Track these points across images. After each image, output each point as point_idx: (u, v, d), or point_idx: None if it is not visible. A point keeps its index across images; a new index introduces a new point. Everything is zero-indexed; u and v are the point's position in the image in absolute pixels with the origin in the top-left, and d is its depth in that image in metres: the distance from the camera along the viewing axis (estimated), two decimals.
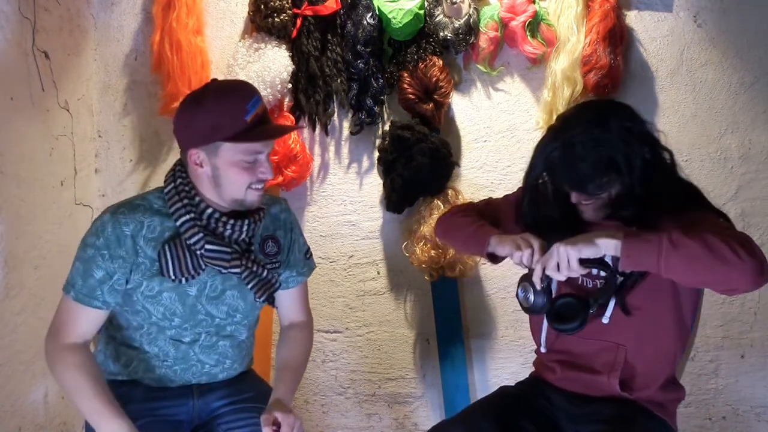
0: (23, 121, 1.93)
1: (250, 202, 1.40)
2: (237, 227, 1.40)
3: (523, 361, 2.31)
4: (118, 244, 1.36)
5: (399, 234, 2.31)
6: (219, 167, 1.36)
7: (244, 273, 1.42)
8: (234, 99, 1.36)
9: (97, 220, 1.39)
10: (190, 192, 1.39)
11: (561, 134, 1.37)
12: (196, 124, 1.35)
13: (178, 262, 1.36)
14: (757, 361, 2.25)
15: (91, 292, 1.36)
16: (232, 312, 1.47)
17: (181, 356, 1.46)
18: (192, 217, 1.37)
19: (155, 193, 1.45)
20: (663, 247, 1.23)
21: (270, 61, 2.16)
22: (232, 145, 1.34)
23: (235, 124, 1.33)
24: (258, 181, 1.38)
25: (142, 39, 2.34)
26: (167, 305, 1.40)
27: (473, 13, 2.16)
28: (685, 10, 2.19)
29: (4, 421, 1.83)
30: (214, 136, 1.33)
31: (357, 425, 2.39)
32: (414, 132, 2.16)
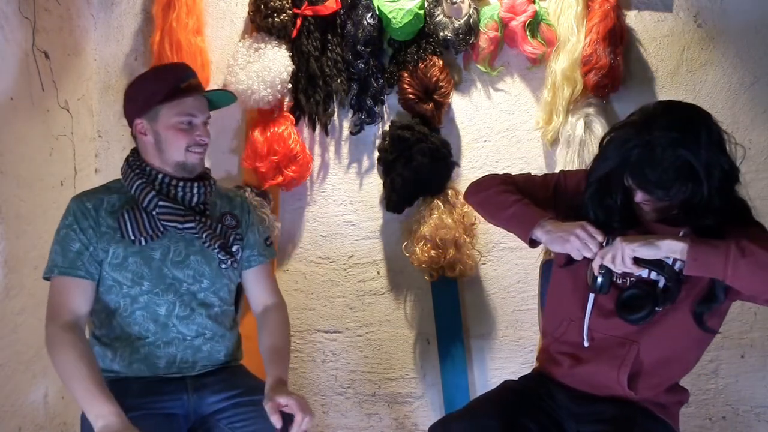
0: (23, 121, 1.93)
1: (192, 164, 1.52)
2: (188, 188, 1.52)
3: (523, 361, 2.31)
4: (84, 216, 1.48)
5: (399, 234, 2.31)
6: (159, 132, 1.50)
7: (198, 227, 1.51)
8: (169, 70, 1.60)
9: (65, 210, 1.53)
10: (141, 165, 1.53)
11: (644, 133, 1.31)
12: (136, 95, 1.53)
13: (136, 223, 1.47)
14: (757, 361, 2.25)
15: (73, 263, 1.46)
16: (198, 276, 1.54)
17: (160, 329, 1.51)
18: (144, 181, 1.50)
19: (113, 181, 1.60)
20: (731, 252, 1.23)
21: (270, 61, 2.16)
22: (168, 109, 1.49)
23: (170, 88, 1.49)
24: (196, 144, 1.51)
25: (142, 39, 2.34)
26: (134, 270, 1.49)
27: (473, 13, 2.16)
28: (685, 10, 2.19)
29: (4, 421, 1.83)
30: (151, 100, 1.49)
31: (357, 425, 2.39)
32: (414, 132, 2.17)
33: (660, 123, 1.31)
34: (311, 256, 2.36)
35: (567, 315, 1.53)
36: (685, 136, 1.28)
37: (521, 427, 1.44)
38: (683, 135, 1.28)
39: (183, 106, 1.51)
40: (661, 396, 1.46)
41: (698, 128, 1.30)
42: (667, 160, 1.28)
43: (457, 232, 2.17)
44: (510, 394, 1.54)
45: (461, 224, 2.20)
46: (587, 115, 2.11)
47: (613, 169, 1.37)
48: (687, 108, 1.39)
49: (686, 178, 1.29)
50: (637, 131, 1.32)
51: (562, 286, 1.54)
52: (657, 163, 1.28)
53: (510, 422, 1.43)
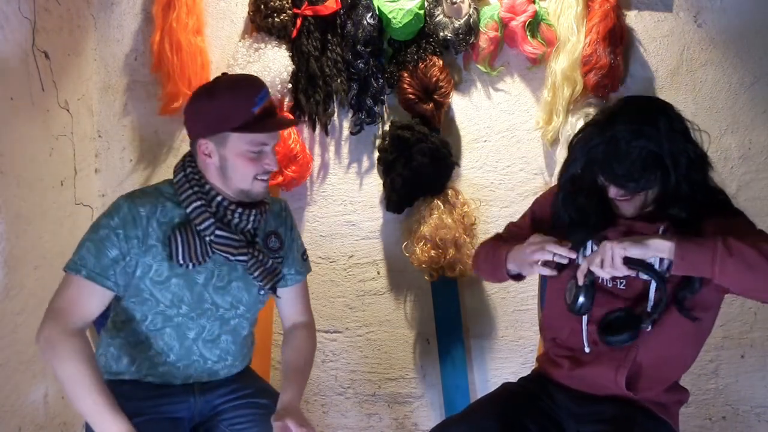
0: (23, 121, 1.93)
1: (256, 193, 1.44)
2: (245, 216, 1.44)
3: (523, 361, 2.31)
4: (134, 224, 1.38)
5: (399, 234, 2.31)
6: (227, 158, 1.40)
7: (250, 261, 1.44)
8: (243, 91, 1.40)
9: (111, 205, 1.41)
10: (200, 180, 1.42)
11: (606, 129, 1.34)
12: (206, 115, 1.39)
13: (188, 247, 1.38)
14: (757, 361, 2.25)
15: (104, 270, 1.36)
16: (236, 303, 1.49)
17: (184, 352, 1.46)
18: (202, 204, 1.40)
19: (164, 184, 1.48)
20: (718, 251, 1.23)
21: (270, 61, 2.16)
22: (240, 136, 1.38)
23: (243, 115, 1.37)
24: (264, 173, 1.42)
25: (142, 39, 2.34)
26: (175, 292, 1.41)
27: (473, 13, 2.16)
28: (685, 10, 2.19)
29: (4, 421, 1.83)
30: (222, 126, 1.37)
31: (357, 425, 2.40)
32: (414, 132, 2.17)
33: (620, 118, 1.34)
34: (311, 256, 2.34)
35: (566, 324, 1.53)
36: (645, 127, 1.31)
37: (521, 428, 1.44)
38: (643, 126, 1.31)
39: (256, 135, 1.40)
40: (661, 395, 1.46)
41: (657, 118, 1.33)
42: (633, 152, 1.30)
43: (457, 232, 2.17)
44: (509, 396, 1.54)
45: (461, 224, 2.20)
46: (587, 115, 2.11)
47: (583, 169, 1.39)
48: (645, 100, 1.45)
49: (653, 167, 1.31)
50: (600, 129, 1.36)
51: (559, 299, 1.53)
52: (623, 156, 1.31)
53: (510, 424, 1.43)
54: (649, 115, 1.34)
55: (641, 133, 1.30)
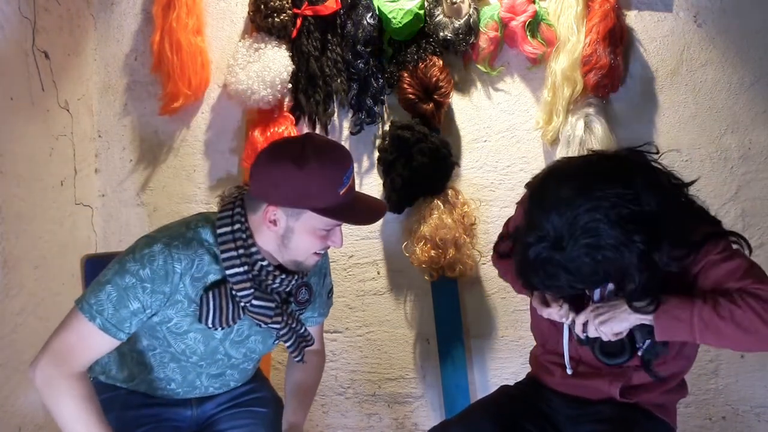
0: (23, 121, 1.93)
1: (307, 267, 1.36)
2: (286, 281, 1.35)
3: (523, 361, 2.29)
4: (165, 280, 1.26)
5: (399, 234, 2.31)
6: (294, 231, 1.29)
7: (282, 330, 1.39)
8: (332, 168, 1.27)
9: (144, 248, 1.27)
10: (246, 240, 1.30)
11: (545, 233, 1.23)
12: (288, 186, 1.25)
13: (219, 312, 1.30)
14: (757, 361, 2.25)
15: (121, 323, 1.26)
16: (249, 354, 1.45)
17: (186, 384, 1.44)
18: (245, 270, 1.29)
19: (206, 228, 1.33)
20: (695, 327, 1.26)
21: (270, 61, 2.16)
22: (318, 216, 1.27)
23: (330, 197, 1.26)
24: (324, 248, 1.34)
25: (142, 39, 2.34)
26: (190, 344, 1.35)
27: (473, 13, 2.16)
28: (685, 10, 2.19)
29: (4, 421, 1.83)
30: (304, 203, 1.26)
31: (357, 425, 2.39)
32: (414, 132, 2.16)
33: (559, 222, 1.21)
34: None
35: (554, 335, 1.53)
36: (588, 237, 1.19)
37: (520, 429, 1.44)
38: (586, 236, 1.19)
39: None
40: (659, 397, 1.46)
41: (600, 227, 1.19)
42: (582, 269, 1.22)
43: (457, 232, 2.17)
44: (507, 399, 1.55)
45: (461, 224, 2.20)
46: (587, 115, 2.11)
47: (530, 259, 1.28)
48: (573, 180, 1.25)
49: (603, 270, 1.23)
50: (538, 229, 1.24)
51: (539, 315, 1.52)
52: (573, 272, 1.23)
53: (508, 425, 1.44)
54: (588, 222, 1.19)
55: (584, 248, 1.19)
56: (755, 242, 2.20)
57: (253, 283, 1.30)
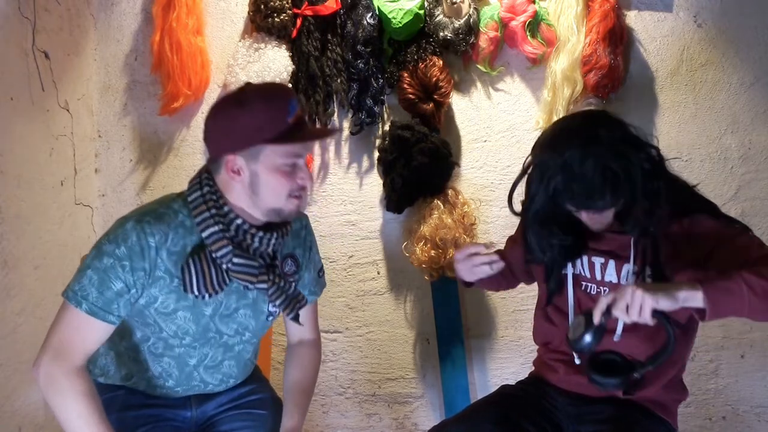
0: (23, 121, 1.93)
1: (288, 212, 1.33)
2: (265, 240, 1.33)
3: (523, 361, 2.31)
4: (142, 255, 1.26)
5: (399, 234, 2.31)
6: (259, 174, 1.28)
7: (271, 289, 1.35)
8: (276, 100, 1.29)
9: (118, 228, 1.28)
10: (218, 201, 1.31)
11: (555, 158, 1.33)
12: (237, 128, 1.26)
13: (203, 277, 1.28)
14: (757, 361, 2.25)
15: (107, 305, 1.26)
16: (241, 330, 1.42)
17: (184, 378, 1.42)
18: (220, 229, 1.29)
19: (178, 201, 1.34)
20: (745, 295, 1.22)
21: (270, 61, 2.16)
22: (274, 149, 1.27)
23: (279, 125, 1.26)
24: (298, 188, 1.31)
25: (142, 39, 2.34)
26: (180, 324, 1.34)
27: (473, 13, 2.15)
28: (685, 10, 2.19)
29: (4, 421, 1.83)
30: (256, 138, 1.26)
31: (357, 425, 2.39)
32: (414, 132, 2.16)
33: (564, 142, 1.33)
34: None
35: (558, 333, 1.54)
36: (591, 146, 1.29)
37: (519, 429, 1.44)
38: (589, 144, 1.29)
39: (291, 146, 1.29)
40: (660, 394, 1.46)
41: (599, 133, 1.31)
42: (588, 172, 1.28)
43: (457, 232, 2.17)
44: (507, 398, 1.55)
45: (461, 224, 2.20)
46: None
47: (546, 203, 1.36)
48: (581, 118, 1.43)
49: (613, 180, 1.28)
50: (549, 159, 1.34)
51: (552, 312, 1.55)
52: (581, 178, 1.29)
53: (508, 425, 1.44)
54: (588, 133, 1.32)
55: (588, 153, 1.28)
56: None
57: (231, 243, 1.29)
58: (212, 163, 1.33)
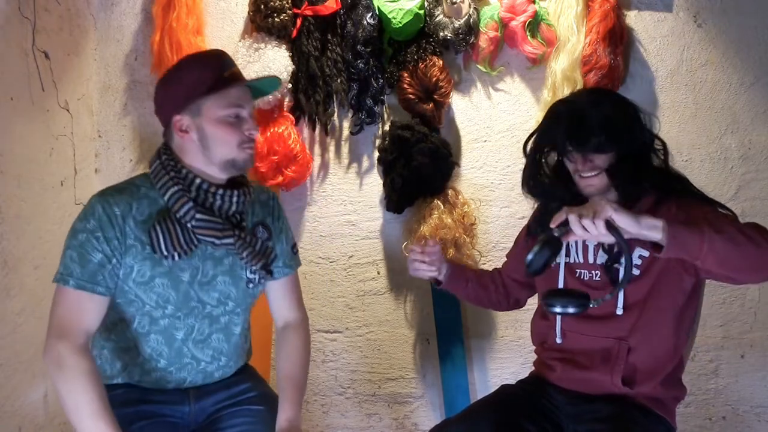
0: (23, 121, 1.93)
1: (243, 161, 1.38)
2: (227, 197, 1.38)
3: (523, 361, 2.31)
4: (110, 224, 1.32)
5: (399, 234, 2.31)
6: (205, 128, 1.35)
7: (237, 243, 1.38)
8: (208, 57, 1.42)
9: (84, 207, 1.36)
10: (176, 165, 1.37)
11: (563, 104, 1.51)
12: (177, 88, 1.36)
13: (170, 236, 1.32)
14: (757, 361, 2.25)
15: (93, 277, 1.31)
16: (223, 299, 1.44)
17: (174, 354, 1.43)
18: (180, 188, 1.35)
19: (140, 177, 1.43)
20: (705, 233, 1.24)
21: (270, 61, 2.16)
22: (214, 101, 1.34)
23: (213, 78, 1.35)
24: (247, 140, 1.38)
25: (142, 39, 2.34)
26: (160, 292, 1.37)
27: (473, 13, 2.16)
28: (685, 10, 2.19)
29: (4, 421, 1.83)
30: (194, 93, 1.34)
31: (357, 425, 2.39)
32: (414, 132, 2.16)
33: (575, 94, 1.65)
34: (311, 256, 2.36)
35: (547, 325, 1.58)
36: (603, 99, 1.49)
37: (519, 428, 1.45)
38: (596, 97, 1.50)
39: (229, 97, 1.36)
40: (658, 390, 1.47)
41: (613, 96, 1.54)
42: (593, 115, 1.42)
43: (457, 232, 2.17)
44: (507, 397, 1.56)
45: (461, 224, 2.20)
46: None
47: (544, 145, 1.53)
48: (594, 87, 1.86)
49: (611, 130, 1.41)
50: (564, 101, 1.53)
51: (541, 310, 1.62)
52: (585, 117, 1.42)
53: (507, 424, 1.45)
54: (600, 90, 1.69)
55: (599, 102, 1.45)
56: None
57: (193, 202, 1.35)
58: (166, 132, 1.41)
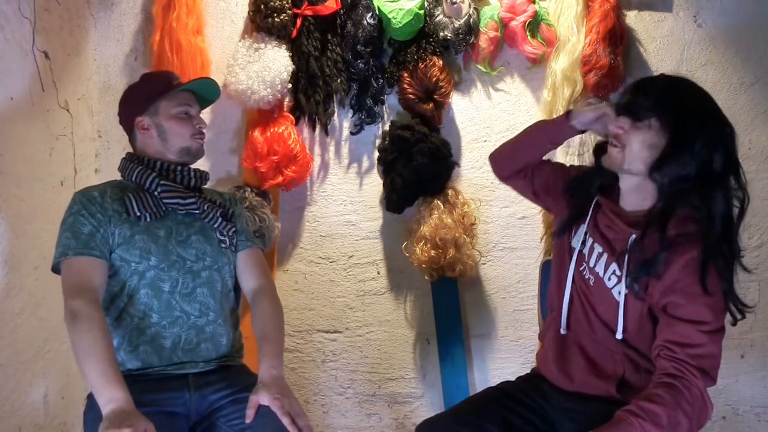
0: (23, 121, 1.93)
1: (196, 149, 1.67)
2: (186, 172, 1.65)
3: (523, 361, 2.31)
4: (90, 202, 1.56)
5: (399, 234, 2.31)
6: (162, 124, 1.64)
7: (199, 202, 1.62)
8: (161, 72, 1.80)
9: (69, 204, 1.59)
10: (140, 158, 1.66)
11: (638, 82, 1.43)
12: (135, 97, 1.68)
13: (140, 201, 1.57)
14: (757, 361, 2.25)
15: (87, 244, 1.51)
16: (201, 255, 1.61)
17: (164, 307, 1.54)
18: (144, 167, 1.62)
19: (114, 180, 1.68)
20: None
21: (270, 61, 2.16)
22: (168, 101, 1.64)
23: (166, 86, 1.66)
24: (198, 133, 1.67)
25: (142, 39, 2.34)
26: (141, 246, 1.55)
27: (473, 13, 2.16)
28: (685, 10, 2.19)
29: (4, 421, 1.83)
30: (152, 97, 1.64)
31: (357, 425, 2.40)
32: (414, 132, 2.17)
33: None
34: (311, 256, 2.36)
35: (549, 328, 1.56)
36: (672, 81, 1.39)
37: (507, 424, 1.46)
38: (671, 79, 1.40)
39: (179, 98, 1.66)
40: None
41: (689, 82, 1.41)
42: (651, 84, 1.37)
43: (457, 232, 2.17)
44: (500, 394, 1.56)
45: (461, 224, 2.20)
46: None
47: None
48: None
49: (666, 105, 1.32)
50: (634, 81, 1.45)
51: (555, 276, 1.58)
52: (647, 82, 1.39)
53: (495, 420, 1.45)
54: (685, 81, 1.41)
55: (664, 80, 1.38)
56: (755, 242, 2.20)
57: (157, 174, 1.61)
58: (130, 137, 1.70)
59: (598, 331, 1.46)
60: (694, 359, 1.27)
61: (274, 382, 1.45)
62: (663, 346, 1.30)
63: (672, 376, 1.27)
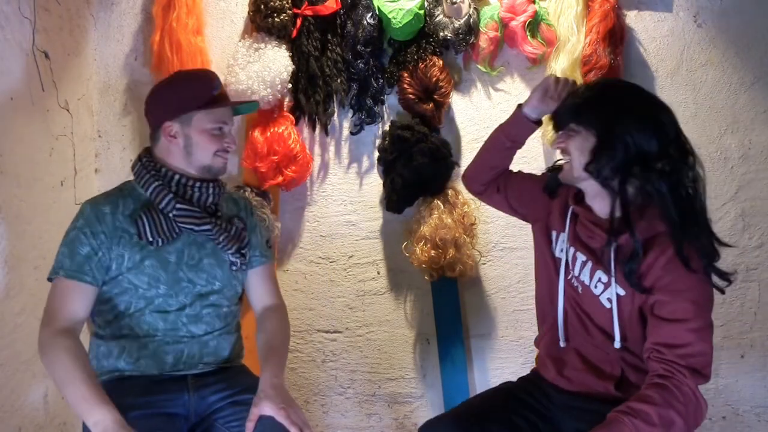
0: (23, 121, 1.93)
1: (217, 168, 1.58)
2: (204, 189, 1.56)
3: (523, 361, 2.31)
4: (98, 220, 1.49)
5: (399, 234, 2.31)
6: (191, 136, 1.54)
7: (214, 229, 1.55)
8: (202, 78, 1.61)
9: (77, 212, 1.54)
10: (156, 165, 1.55)
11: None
12: (174, 99, 1.55)
13: (154, 224, 1.49)
14: (757, 361, 2.25)
15: (80, 267, 1.46)
16: (211, 279, 1.57)
17: (169, 326, 1.52)
18: (160, 183, 1.53)
19: (126, 183, 1.61)
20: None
21: (270, 61, 2.16)
22: (204, 115, 1.54)
23: (206, 95, 1.55)
24: (223, 150, 1.57)
25: (142, 39, 2.34)
26: (151, 273, 1.50)
27: (473, 13, 2.16)
28: (685, 10, 2.19)
29: (4, 421, 1.83)
30: (189, 106, 1.53)
31: (357, 425, 2.39)
32: (414, 132, 2.17)
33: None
34: (311, 256, 2.36)
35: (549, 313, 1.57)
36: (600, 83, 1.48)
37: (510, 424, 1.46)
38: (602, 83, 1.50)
39: (217, 113, 1.56)
40: None
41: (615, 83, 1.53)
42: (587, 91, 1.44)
43: (457, 232, 2.17)
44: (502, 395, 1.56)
45: (461, 224, 2.20)
46: None
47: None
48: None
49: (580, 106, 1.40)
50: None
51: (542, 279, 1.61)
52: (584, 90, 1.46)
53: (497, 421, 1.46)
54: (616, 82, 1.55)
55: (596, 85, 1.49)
56: (755, 242, 2.20)
57: (174, 194, 1.52)
58: (152, 135, 1.58)
59: (596, 336, 1.47)
60: (683, 359, 1.29)
61: (276, 392, 1.44)
62: (652, 349, 1.32)
63: (662, 377, 1.29)
